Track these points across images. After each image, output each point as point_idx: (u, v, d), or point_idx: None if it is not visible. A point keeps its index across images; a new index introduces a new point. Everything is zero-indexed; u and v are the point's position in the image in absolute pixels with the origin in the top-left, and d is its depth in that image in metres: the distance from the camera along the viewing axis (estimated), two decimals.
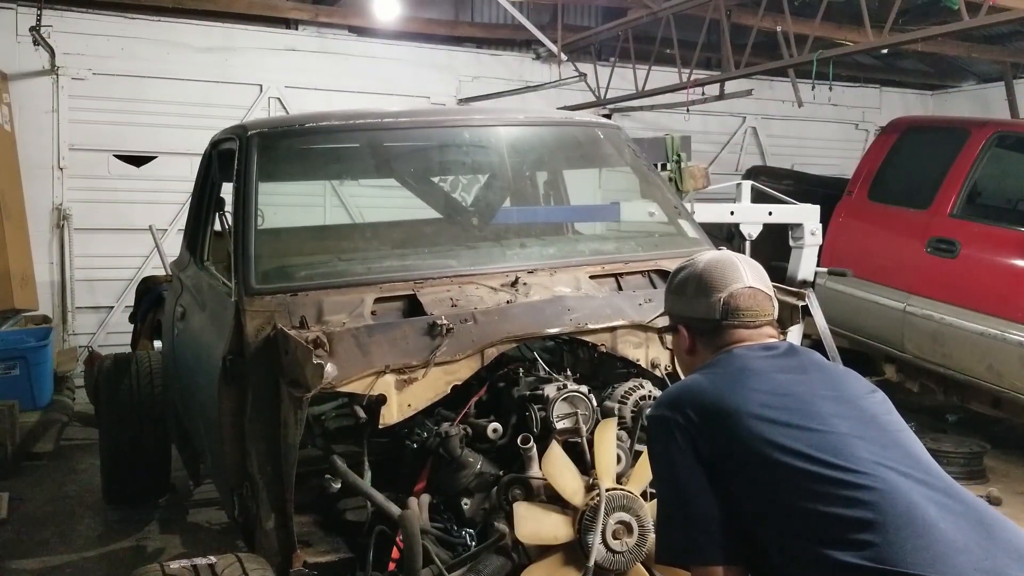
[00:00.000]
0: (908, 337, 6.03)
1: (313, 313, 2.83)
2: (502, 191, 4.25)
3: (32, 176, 7.48)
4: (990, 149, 5.96)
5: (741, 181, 5.09)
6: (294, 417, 2.60)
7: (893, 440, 1.79)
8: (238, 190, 3.27)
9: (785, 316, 3.16)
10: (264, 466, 2.80)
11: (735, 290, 2.01)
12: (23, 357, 6.34)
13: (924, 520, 1.61)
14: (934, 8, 7.58)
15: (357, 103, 8.52)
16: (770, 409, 1.78)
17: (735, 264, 2.06)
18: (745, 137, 10.46)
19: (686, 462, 1.79)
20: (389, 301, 2.96)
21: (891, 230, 6.45)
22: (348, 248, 3.80)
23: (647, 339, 2.96)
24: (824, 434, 1.74)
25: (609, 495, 2.48)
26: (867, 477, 1.67)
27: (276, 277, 3.06)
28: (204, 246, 3.98)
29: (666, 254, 3.46)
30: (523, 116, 4.24)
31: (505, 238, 3.63)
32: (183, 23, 8.02)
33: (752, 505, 1.74)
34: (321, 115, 3.75)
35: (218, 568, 2.40)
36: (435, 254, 3.43)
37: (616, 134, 4.06)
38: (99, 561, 4.49)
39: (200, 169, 4.16)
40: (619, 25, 8.36)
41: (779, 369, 1.91)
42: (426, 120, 3.96)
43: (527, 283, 3.08)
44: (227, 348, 2.88)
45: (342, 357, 2.59)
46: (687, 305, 2.07)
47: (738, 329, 2.00)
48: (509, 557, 2.55)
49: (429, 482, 2.79)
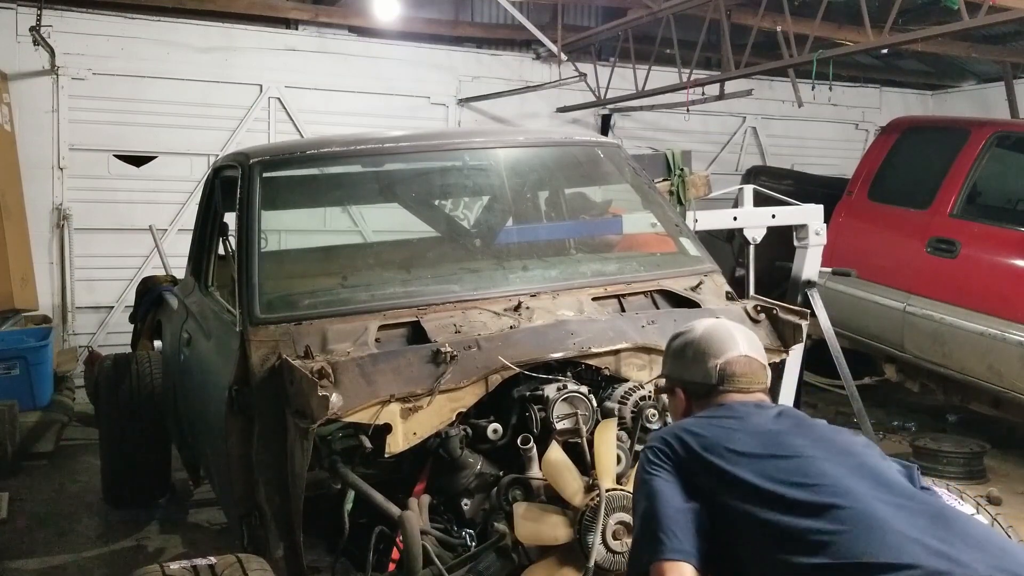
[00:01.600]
0: (908, 337, 6.03)
1: (317, 342, 2.83)
2: (503, 213, 4.26)
3: (32, 176, 7.47)
4: (990, 149, 5.97)
5: (743, 186, 5.06)
6: (300, 447, 2.61)
7: (859, 463, 1.91)
8: (241, 219, 3.28)
9: (788, 335, 3.16)
10: (272, 496, 2.81)
11: (731, 357, 2.18)
12: (23, 357, 6.34)
13: (879, 517, 1.74)
14: (934, 8, 7.58)
15: (357, 103, 8.56)
16: (748, 445, 1.93)
17: (731, 333, 2.23)
18: (745, 137, 10.46)
19: (662, 477, 1.94)
20: (393, 328, 2.96)
21: (891, 230, 6.45)
22: (351, 273, 3.82)
23: (651, 361, 2.97)
24: (793, 459, 1.89)
25: (609, 495, 2.49)
26: (829, 489, 1.80)
27: (280, 306, 3.06)
28: (208, 272, 3.99)
29: (668, 274, 3.47)
30: (523, 138, 4.26)
31: (507, 260, 3.64)
32: (183, 23, 8.01)
33: (727, 526, 1.86)
34: (322, 141, 3.79)
35: (218, 568, 2.39)
36: (438, 279, 3.44)
37: (616, 152, 4.08)
38: (99, 561, 4.50)
39: (203, 194, 4.18)
40: (619, 25, 8.35)
41: (765, 418, 2.05)
42: (426, 144, 3.97)
43: (530, 307, 3.08)
44: (233, 378, 2.89)
45: (347, 387, 2.60)
46: (685, 369, 2.23)
47: (732, 394, 2.16)
48: (509, 558, 2.56)
49: (429, 483, 2.80)
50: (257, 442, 2.85)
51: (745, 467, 1.88)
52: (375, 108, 8.62)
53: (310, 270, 4.14)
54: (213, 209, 3.97)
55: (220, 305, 3.46)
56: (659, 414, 2.85)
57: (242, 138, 8.19)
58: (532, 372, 2.84)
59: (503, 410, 2.88)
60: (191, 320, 3.76)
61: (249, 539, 3.00)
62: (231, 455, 2.94)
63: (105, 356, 5.54)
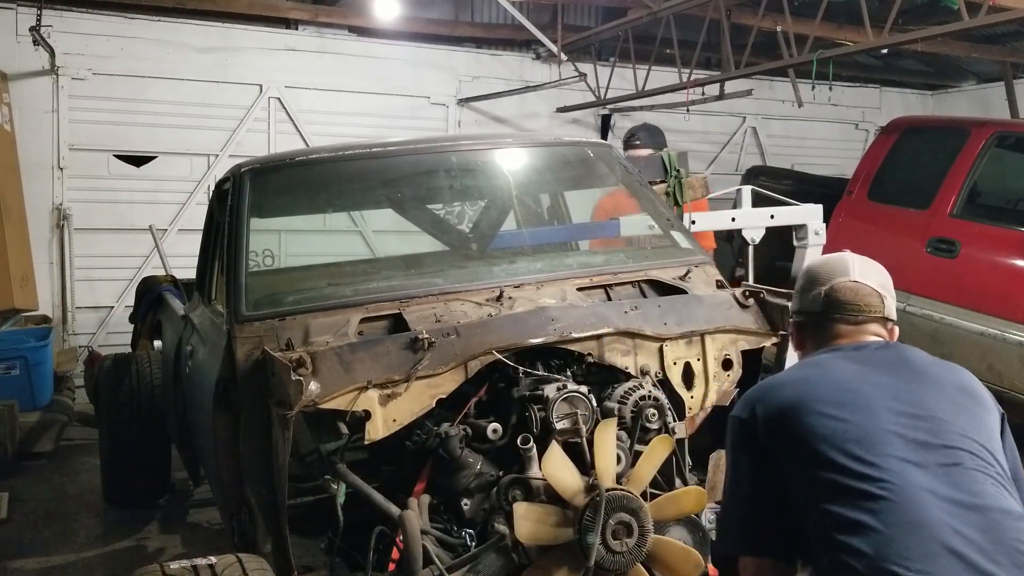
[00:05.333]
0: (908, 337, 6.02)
1: (300, 335, 2.88)
2: (497, 215, 4.29)
3: (32, 176, 7.47)
4: (990, 149, 5.96)
5: (740, 187, 5.06)
6: (283, 437, 2.62)
7: (944, 438, 1.77)
8: (230, 222, 3.36)
9: (777, 318, 3.16)
10: (259, 490, 2.83)
11: (838, 283, 2.02)
12: (23, 357, 6.35)
13: (924, 519, 1.64)
14: (934, 8, 7.58)
15: (357, 103, 8.56)
16: (826, 404, 1.81)
17: (844, 260, 2.08)
18: (745, 137, 10.46)
19: (748, 460, 1.87)
20: (375, 320, 2.99)
21: (891, 230, 6.45)
22: (336, 271, 3.84)
23: (635, 346, 2.97)
24: (861, 426, 1.77)
25: (609, 495, 2.48)
26: (885, 473, 1.70)
27: (266, 304, 3.11)
28: (212, 286, 4.03)
29: (656, 264, 3.45)
30: (511, 140, 4.26)
31: (495, 256, 3.66)
32: (183, 23, 8.01)
33: (800, 498, 1.79)
34: (312, 150, 3.90)
35: (218, 568, 2.40)
36: (422, 274, 3.47)
37: (607, 152, 4.09)
38: (99, 561, 4.51)
39: (207, 211, 4.23)
40: (619, 25, 8.35)
41: (858, 365, 1.92)
42: (414, 148, 3.98)
43: (512, 297, 3.09)
44: (220, 374, 2.93)
45: (324, 375, 2.62)
46: (798, 299, 2.13)
47: (839, 324, 2.02)
48: (509, 557, 2.56)
49: (429, 483, 2.80)
50: (243, 436, 2.88)
51: (811, 428, 1.78)
52: (375, 108, 8.63)
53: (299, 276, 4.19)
54: (215, 224, 4.01)
55: (216, 313, 3.50)
56: (658, 414, 2.85)
57: (242, 138, 8.20)
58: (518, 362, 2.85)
59: (503, 410, 2.88)
60: (195, 334, 3.80)
61: (239, 536, 3.01)
62: (219, 450, 2.96)
63: (105, 356, 5.55)
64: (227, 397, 2.91)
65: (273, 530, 2.76)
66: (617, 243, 4.26)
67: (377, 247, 6.22)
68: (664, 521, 2.64)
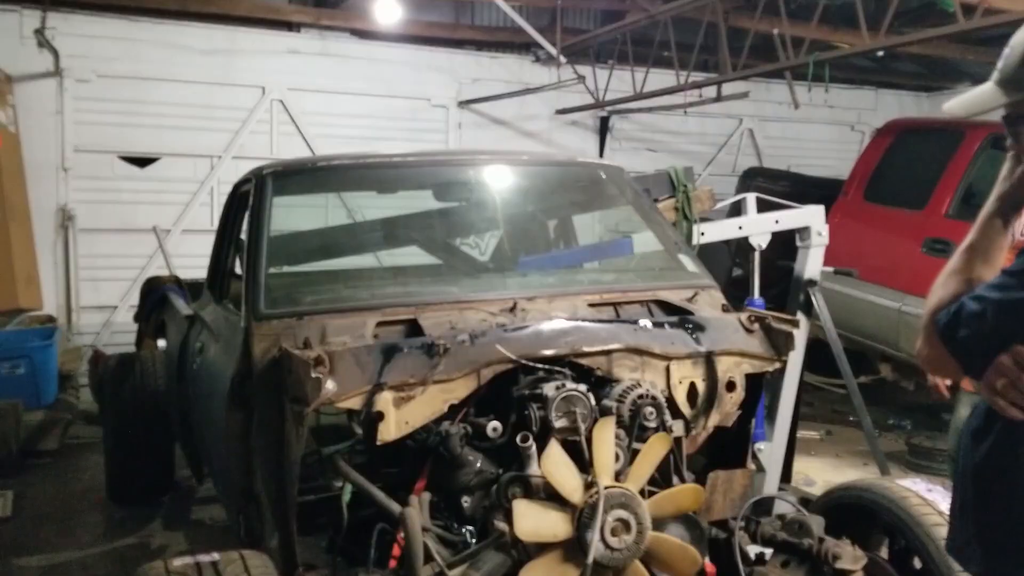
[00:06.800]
0: (904, 336, 6.08)
1: (317, 335, 2.91)
2: (515, 236, 4.32)
3: (37, 177, 7.52)
4: (985, 150, 6.02)
5: (745, 195, 5.10)
6: (295, 433, 2.67)
7: None
8: (252, 220, 3.43)
9: (781, 344, 3.21)
10: (268, 485, 2.87)
11: None
12: (28, 356, 6.40)
13: None
14: (930, 10, 7.62)
15: (358, 105, 8.61)
16: None
17: None
18: (742, 139, 10.50)
19: None
20: (391, 325, 3.03)
21: (887, 231, 6.50)
22: (354, 276, 3.93)
23: (643, 363, 3.00)
24: None
25: (607, 493, 2.52)
26: None
27: (284, 303, 3.15)
28: (225, 285, 4.09)
29: (665, 285, 3.52)
30: (527, 157, 4.35)
31: (507, 268, 3.74)
32: (186, 26, 8.06)
33: None
34: (332, 156, 3.99)
35: (221, 565, 2.41)
36: (437, 281, 3.53)
37: (618, 173, 4.16)
38: (103, 558, 4.55)
39: (223, 213, 4.29)
40: (617, 28, 8.40)
41: None
42: (432, 159, 4.10)
43: (525, 309, 3.14)
44: (235, 370, 2.97)
45: (342, 374, 2.65)
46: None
47: None
48: (508, 554, 2.59)
49: (429, 480, 2.83)
50: (255, 431, 2.92)
51: None
52: (376, 110, 8.68)
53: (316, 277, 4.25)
54: (231, 225, 4.07)
55: (230, 311, 3.56)
56: (656, 412, 2.90)
57: (244, 140, 8.25)
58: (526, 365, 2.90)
59: (502, 408, 2.92)
60: (205, 331, 3.85)
61: (246, 531, 3.05)
62: (231, 445, 3.00)
63: (109, 355, 5.60)
64: (241, 393, 2.95)
65: (280, 525, 2.80)
66: None
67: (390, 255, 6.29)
68: (662, 518, 2.68)
